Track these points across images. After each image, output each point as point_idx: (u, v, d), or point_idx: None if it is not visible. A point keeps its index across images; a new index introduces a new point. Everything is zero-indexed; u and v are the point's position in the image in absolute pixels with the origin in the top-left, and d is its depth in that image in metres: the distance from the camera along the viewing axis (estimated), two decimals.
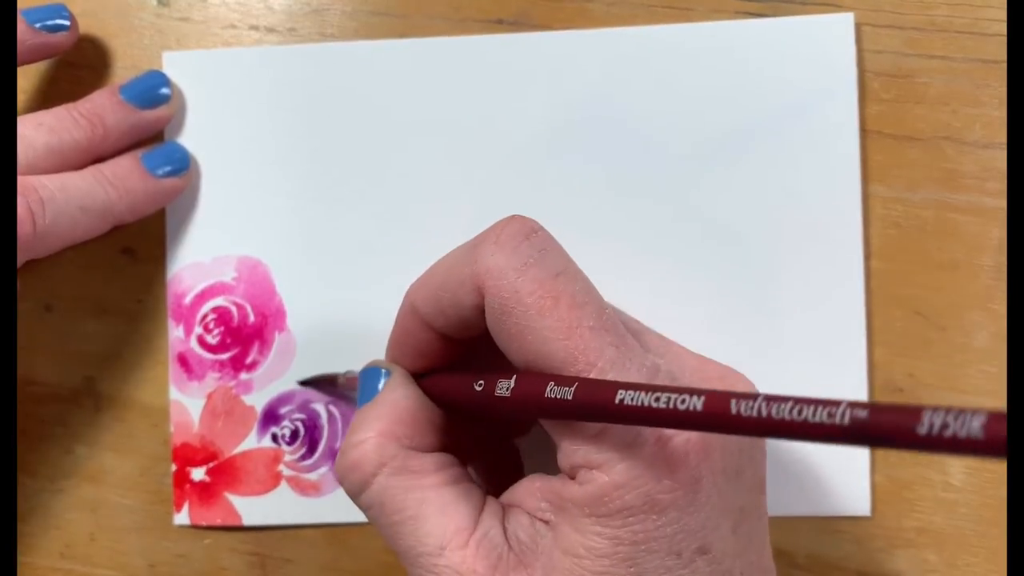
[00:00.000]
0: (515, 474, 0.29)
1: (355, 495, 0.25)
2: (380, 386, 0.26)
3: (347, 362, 0.32)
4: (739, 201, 0.31)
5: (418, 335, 0.26)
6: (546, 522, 0.23)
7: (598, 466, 0.22)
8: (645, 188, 0.32)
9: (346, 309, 0.32)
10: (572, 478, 0.22)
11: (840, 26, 0.31)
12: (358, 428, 0.25)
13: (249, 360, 0.33)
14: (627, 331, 0.23)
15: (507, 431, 0.30)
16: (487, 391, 0.24)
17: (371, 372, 0.27)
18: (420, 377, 0.27)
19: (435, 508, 0.23)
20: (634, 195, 0.32)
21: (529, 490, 0.24)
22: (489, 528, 0.23)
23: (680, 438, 0.22)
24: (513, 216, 0.24)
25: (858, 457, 0.31)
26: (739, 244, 0.31)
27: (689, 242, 0.32)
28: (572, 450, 0.22)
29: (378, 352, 0.32)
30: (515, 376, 0.23)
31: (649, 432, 0.22)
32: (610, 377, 0.22)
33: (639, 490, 0.21)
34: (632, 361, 0.22)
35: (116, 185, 0.31)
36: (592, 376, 0.22)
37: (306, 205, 0.33)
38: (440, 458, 0.25)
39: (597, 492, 0.22)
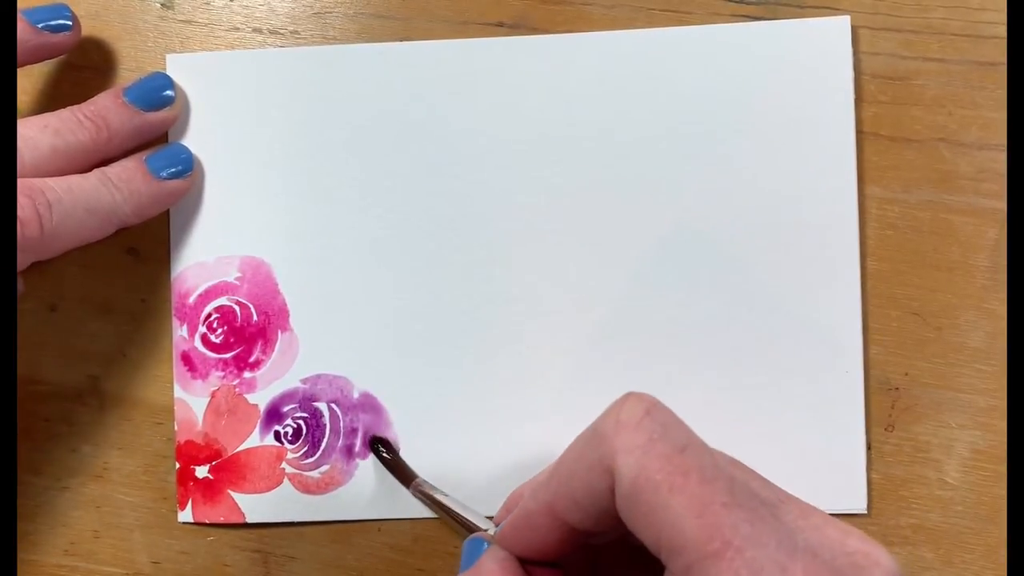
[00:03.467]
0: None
1: None
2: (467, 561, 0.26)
3: (349, 361, 0.33)
4: (737, 202, 0.32)
5: (546, 530, 0.25)
6: None
7: None
8: (643, 189, 0.32)
9: (348, 308, 0.33)
10: None
11: (837, 29, 0.31)
12: None
13: (252, 359, 0.33)
14: (761, 502, 0.23)
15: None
16: None
17: (474, 543, 0.27)
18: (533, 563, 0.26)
19: None
20: (632, 196, 0.32)
21: None
22: None
23: None
24: (629, 394, 0.23)
25: (855, 454, 0.31)
26: (736, 245, 0.32)
27: (688, 243, 0.32)
28: None
29: (380, 351, 0.32)
30: None
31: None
32: (748, 555, 0.21)
33: None
34: (770, 536, 0.21)
35: (121, 187, 0.31)
36: (729, 555, 0.21)
37: (308, 205, 0.33)
38: None
39: None
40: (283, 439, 0.33)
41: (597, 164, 0.32)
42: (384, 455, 0.32)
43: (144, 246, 0.34)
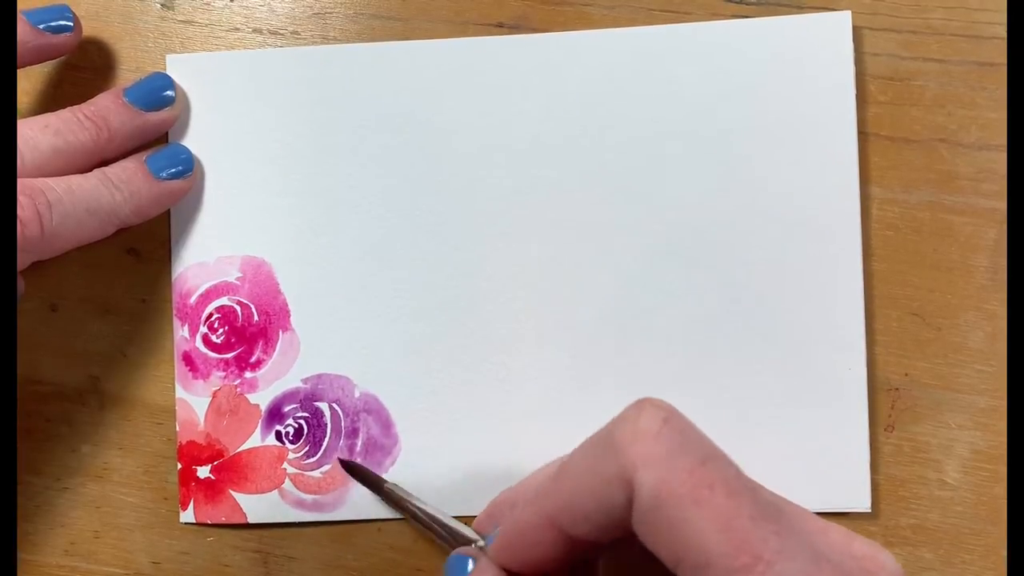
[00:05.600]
0: None
1: None
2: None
3: (350, 361, 0.33)
4: (738, 202, 0.32)
5: (548, 545, 0.24)
6: None
7: None
8: (643, 189, 0.32)
9: (349, 307, 0.33)
10: None
11: (837, 24, 0.31)
12: None
13: (253, 359, 0.33)
14: (780, 512, 0.22)
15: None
16: None
17: (459, 560, 0.26)
18: None
19: None
20: (632, 196, 0.32)
21: None
22: None
23: None
24: (645, 400, 0.22)
25: (859, 452, 0.31)
26: (738, 245, 0.32)
27: (688, 243, 0.32)
28: None
29: (381, 351, 0.32)
30: None
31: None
32: (778, 568, 0.20)
33: None
34: (797, 548, 0.21)
35: (121, 188, 0.31)
36: (759, 569, 0.20)
37: (309, 205, 0.33)
38: None
39: None
40: (284, 439, 0.33)
41: (597, 163, 0.32)
42: (353, 467, 0.32)
43: (145, 246, 0.34)
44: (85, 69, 0.34)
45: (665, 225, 0.32)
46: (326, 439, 0.33)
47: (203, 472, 0.33)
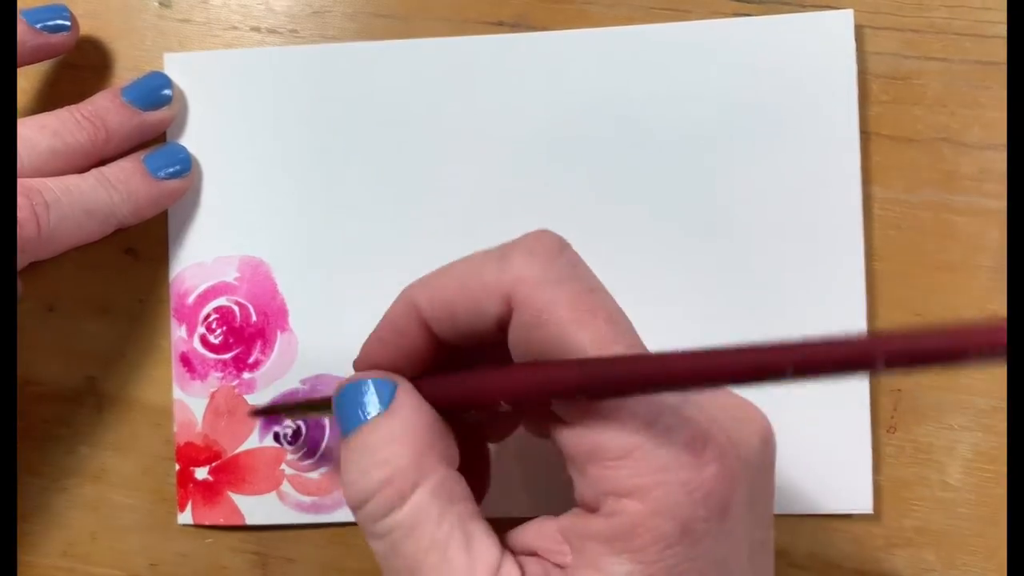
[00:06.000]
0: (481, 477, 0.28)
1: (382, 515, 0.22)
2: (375, 402, 0.23)
3: (349, 361, 0.32)
4: (739, 201, 0.32)
5: (412, 339, 0.24)
6: (561, 566, 0.22)
7: (629, 494, 0.20)
8: (644, 187, 0.32)
9: (348, 308, 0.32)
10: (593, 510, 0.21)
11: (839, 23, 0.31)
12: (382, 444, 0.22)
13: (252, 360, 0.33)
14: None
15: (482, 434, 0.28)
16: (512, 381, 0.22)
17: (359, 387, 0.24)
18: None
19: (462, 541, 0.21)
20: (633, 194, 0.32)
21: (541, 532, 0.22)
22: (511, 571, 0.21)
23: (714, 465, 0.21)
24: (543, 230, 0.23)
25: (860, 453, 0.31)
26: (739, 244, 0.32)
27: (689, 242, 0.32)
28: (600, 475, 0.21)
29: None
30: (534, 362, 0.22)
31: (685, 456, 0.20)
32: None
33: (676, 519, 0.20)
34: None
35: (119, 188, 0.31)
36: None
37: (307, 205, 0.33)
38: (465, 487, 0.23)
39: (627, 524, 0.20)
40: (283, 440, 0.33)
41: (597, 162, 0.32)
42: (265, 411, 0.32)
43: (142, 246, 0.33)
44: (83, 68, 0.34)
45: (665, 224, 0.32)
46: (324, 440, 0.32)
47: (201, 473, 0.33)
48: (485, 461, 0.29)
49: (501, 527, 0.23)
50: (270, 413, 0.32)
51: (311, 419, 0.32)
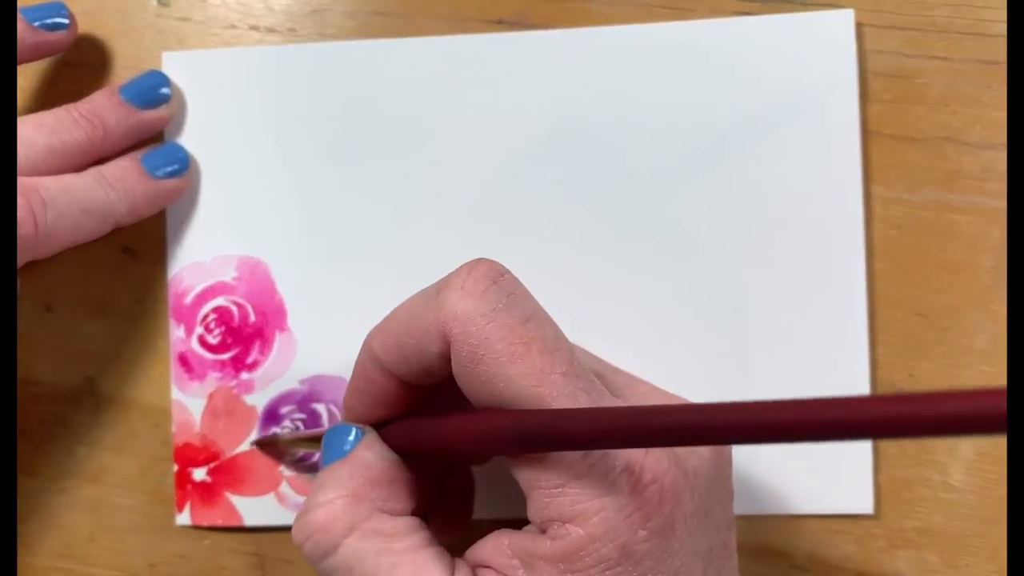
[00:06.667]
0: (466, 501, 0.29)
1: (320, 558, 0.23)
2: (347, 447, 0.25)
3: (347, 361, 0.32)
4: (739, 201, 0.31)
5: (379, 383, 0.25)
6: None
7: (571, 519, 0.21)
8: (644, 186, 0.32)
9: (346, 308, 0.32)
10: (543, 531, 0.22)
11: (840, 22, 0.31)
12: (326, 487, 0.24)
13: (250, 360, 0.33)
14: (596, 374, 0.23)
15: (464, 461, 0.29)
16: (451, 432, 0.23)
17: (340, 430, 0.25)
18: (380, 427, 0.26)
19: (407, 573, 0.22)
20: (633, 193, 0.32)
21: (497, 547, 0.23)
22: None
23: (654, 486, 0.21)
24: (479, 260, 0.23)
25: (861, 454, 0.31)
26: (740, 244, 0.31)
27: (690, 241, 0.32)
28: (544, 503, 0.22)
29: None
30: (480, 411, 0.23)
31: (623, 481, 0.21)
32: None
33: (615, 542, 0.21)
34: (606, 405, 0.22)
35: (116, 187, 0.31)
36: None
37: (306, 204, 0.33)
38: (411, 521, 0.24)
39: (570, 547, 0.21)
40: None
41: (597, 161, 0.32)
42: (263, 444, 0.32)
43: (140, 246, 0.33)
44: (80, 66, 0.34)
45: (665, 223, 0.32)
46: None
47: (199, 474, 0.33)
48: (469, 483, 0.29)
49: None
50: (272, 444, 0.32)
51: (316, 413, 0.32)
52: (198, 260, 0.33)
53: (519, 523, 0.24)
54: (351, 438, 0.25)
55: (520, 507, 0.23)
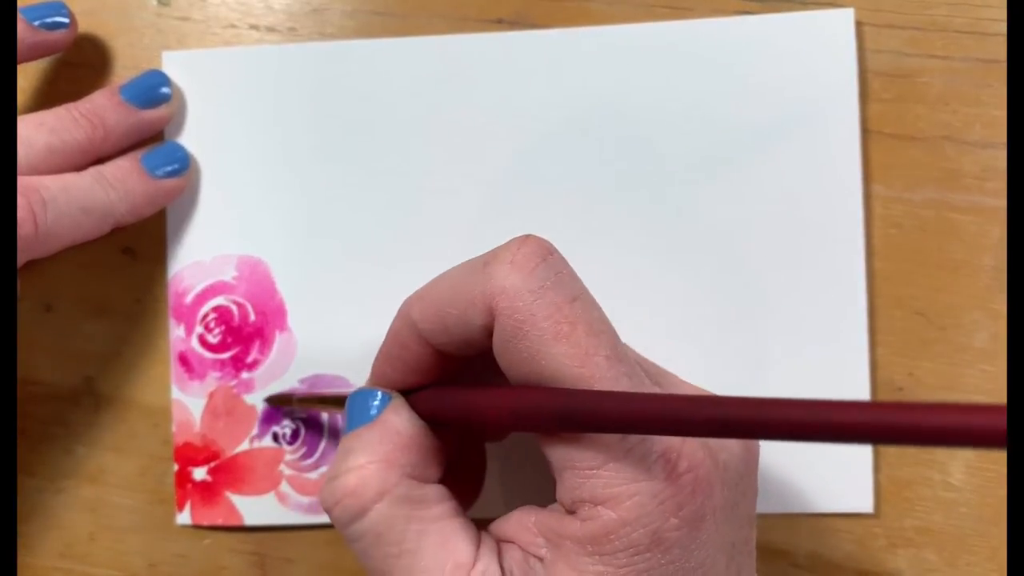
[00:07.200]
0: (478, 477, 0.29)
1: (348, 523, 0.23)
2: (373, 411, 0.25)
3: (347, 361, 0.32)
4: (739, 200, 0.31)
5: (414, 351, 0.24)
6: (540, 558, 0.22)
7: (604, 501, 0.21)
8: (644, 186, 0.32)
9: (347, 307, 0.32)
10: (571, 512, 0.22)
11: (840, 21, 0.31)
12: (355, 451, 0.23)
13: (250, 359, 0.33)
14: (641, 367, 0.23)
15: (480, 436, 0.29)
16: (486, 404, 0.23)
17: (366, 394, 0.25)
18: (408, 394, 0.26)
19: (434, 542, 0.22)
20: (633, 193, 0.32)
21: (522, 524, 0.23)
22: (488, 565, 0.22)
23: (689, 475, 0.21)
24: (528, 236, 0.23)
25: (862, 454, 0.31)
26: (740, 243, 0.31)
27: (689, 241, 0.32)
28: (577, 483, 0.21)
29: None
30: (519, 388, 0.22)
31: (659, 467, 0.21)
32: None
33: (647, 528, 0.21)
34: (646, 390, 0.22)
35: (116, 186, 0.30)
36: None
37: (306, 204, 0.33)
38: (440, 489, 0.24)
39: (601, 529, 0.21)
40: (281, 440, 0.32)
41: (597, 160, 0.32)
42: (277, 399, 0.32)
43: (140, 245, 0.33)
44: (80, 66, 0.34)
45: (665, 223, 0.32)
46: (323, 441, 0.32)
47: (199, 474, 0.33)
48: (481, 459, 0.29)
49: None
50: (284, 403, 0.32)
51: (315, 413, 0.32)
52: (198, 259, 0.33)
53: None
54: (376, 402, 0.25)
55: (504, 505, 0.23)
